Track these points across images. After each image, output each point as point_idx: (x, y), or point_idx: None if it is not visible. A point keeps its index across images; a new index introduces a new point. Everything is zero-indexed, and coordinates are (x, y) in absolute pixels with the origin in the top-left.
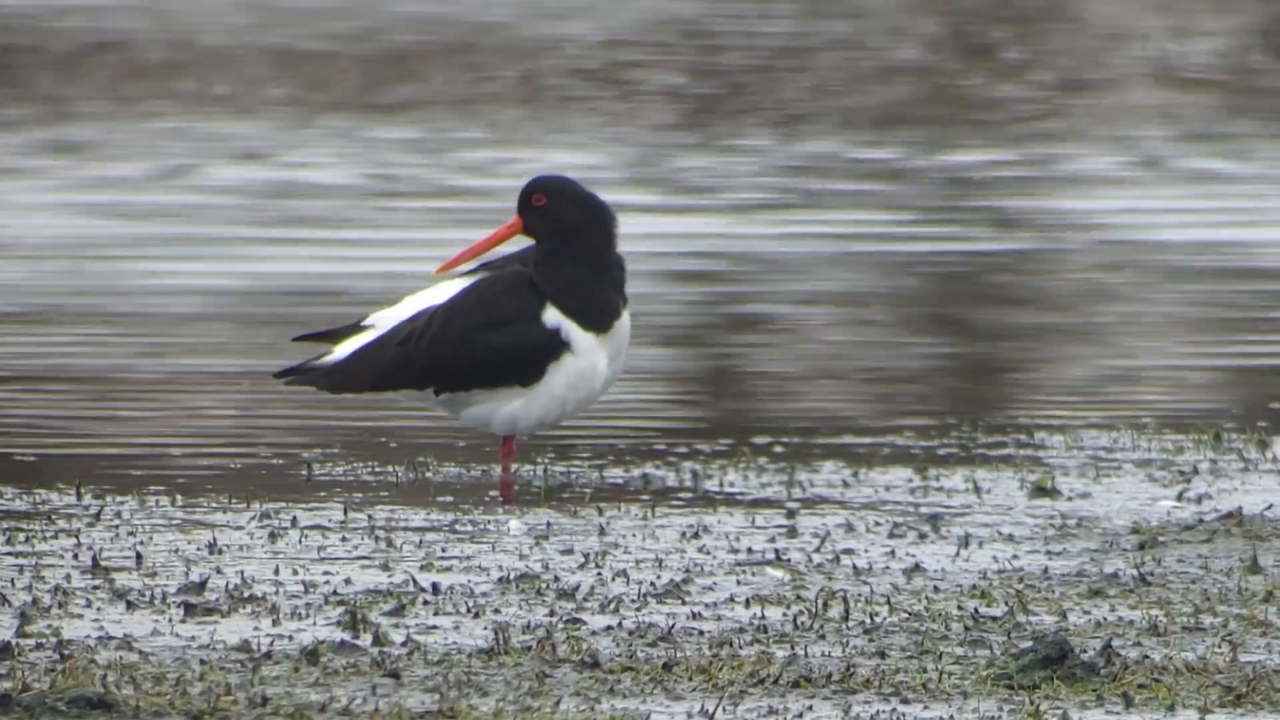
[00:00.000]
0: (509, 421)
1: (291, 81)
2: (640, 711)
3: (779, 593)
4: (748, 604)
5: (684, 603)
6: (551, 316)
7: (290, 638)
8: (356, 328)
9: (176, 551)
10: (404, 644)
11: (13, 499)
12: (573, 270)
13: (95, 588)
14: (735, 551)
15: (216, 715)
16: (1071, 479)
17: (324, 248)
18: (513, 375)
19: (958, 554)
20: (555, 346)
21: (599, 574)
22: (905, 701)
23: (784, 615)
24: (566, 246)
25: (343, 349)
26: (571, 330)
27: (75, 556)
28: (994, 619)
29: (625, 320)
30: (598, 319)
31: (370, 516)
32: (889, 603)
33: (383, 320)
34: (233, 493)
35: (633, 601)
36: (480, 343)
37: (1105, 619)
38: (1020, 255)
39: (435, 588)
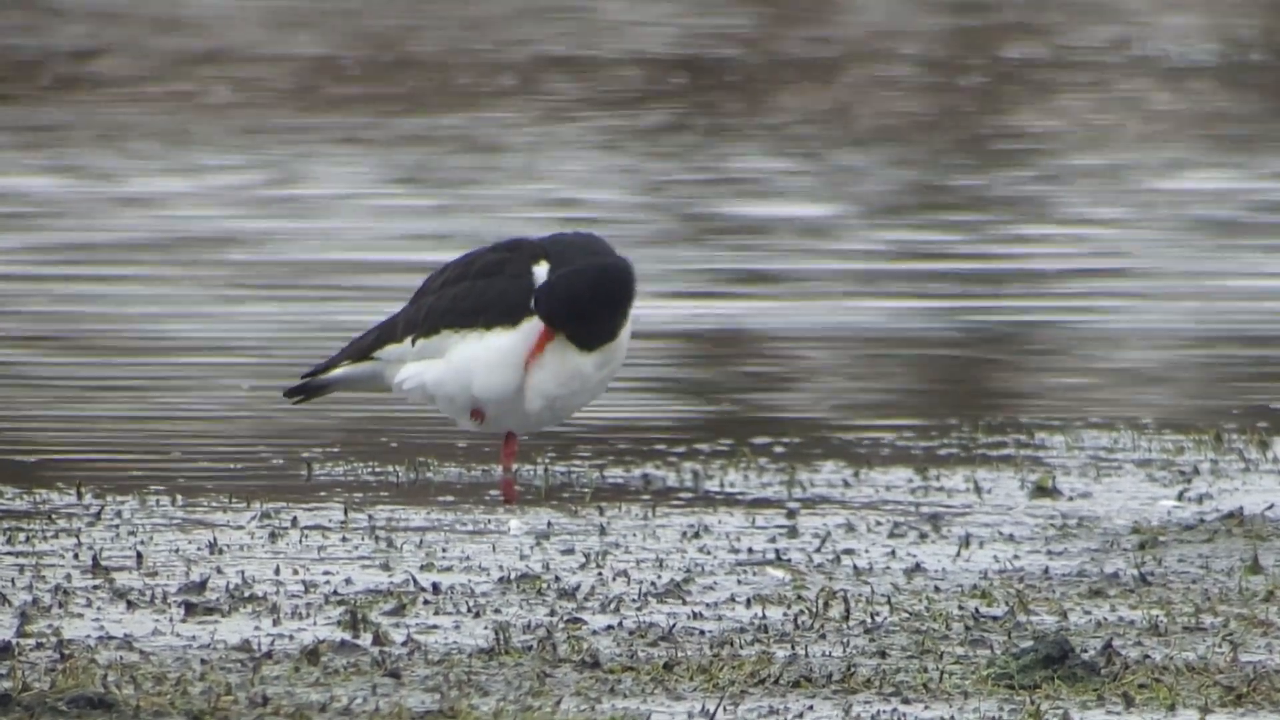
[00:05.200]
0: (462, 375)
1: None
2: (641, 711)
3: (780, 592)
4: (748, 604)
5: (685, 602)
6: (543, 272)
7: (291, 637)
8: (364, 358)
9: (177, 551)
10: (404, 644)
11: (13, 499)
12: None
13: (96, 587)
14: (736, 551)
15: (217, 715)
16: (1072, 479)
17: None
18: (490, 309)
19: (958, 554)
20: (528, 302)
21: (599, 574)
22: (906, 701)
23: (785, 615)
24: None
25: (347, 367)
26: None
27: (75, 556)
28: (994, 619)
29: (622, 337)
30: (584, 339)
31: (370, 516)
32: (889, 602)
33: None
34: (233, 493)
35: (633, 601)
36: (464, 285)
37: (1106, 619)
38: (1025, 268)
39: (436, 587)
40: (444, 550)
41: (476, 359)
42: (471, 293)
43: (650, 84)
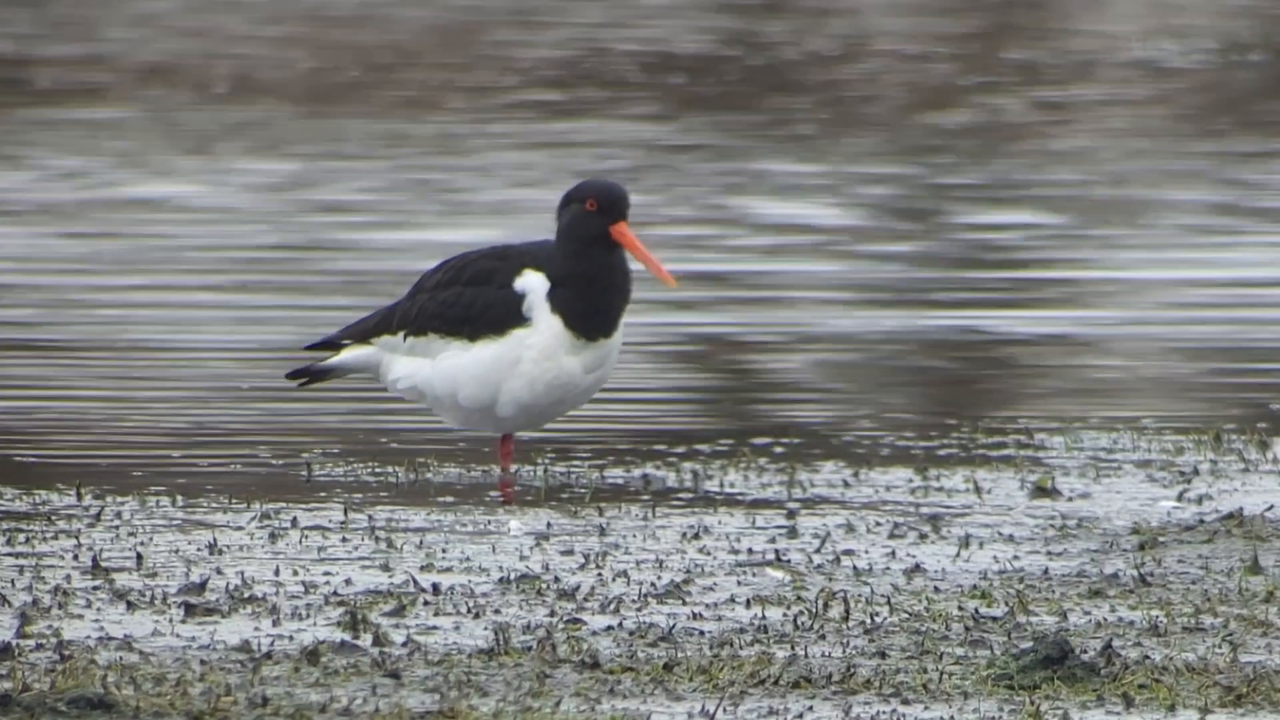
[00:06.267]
0: (449, 382)
1: None
2: (641, 712)
3: (779, 593)
4: (748, 604)
5: (684, 603)
6: (530, 280)
7: (290, 638)
8: (365, 340)
9: (177, 552)
10: (404, 644)
11: (13, 499)
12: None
13: (95, 588)
14: (736, 552)
15: (217, 716)
16: (1072, 479)
17: None
18: (476, 321)
19: (958, 554)
20: (516, 313)
21: (599, 574)
22: (906, 702)
23: (784, 616)
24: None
25: (346, 352)
26: (541, 312)
27: (75, 557)
28: (994, 619)
29: (615, 339)
30: (586, 325)
31: (370, 517)
32: (889, 603)
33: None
34: (233, 493)
35: (633, 602)
36: (453, 290)
37: (1105, 619)
38: (1022, 270)
39: (435, 588)
40: (444, 551)
41: (464, 370)
42: (460, 301)
43: (650, 85)
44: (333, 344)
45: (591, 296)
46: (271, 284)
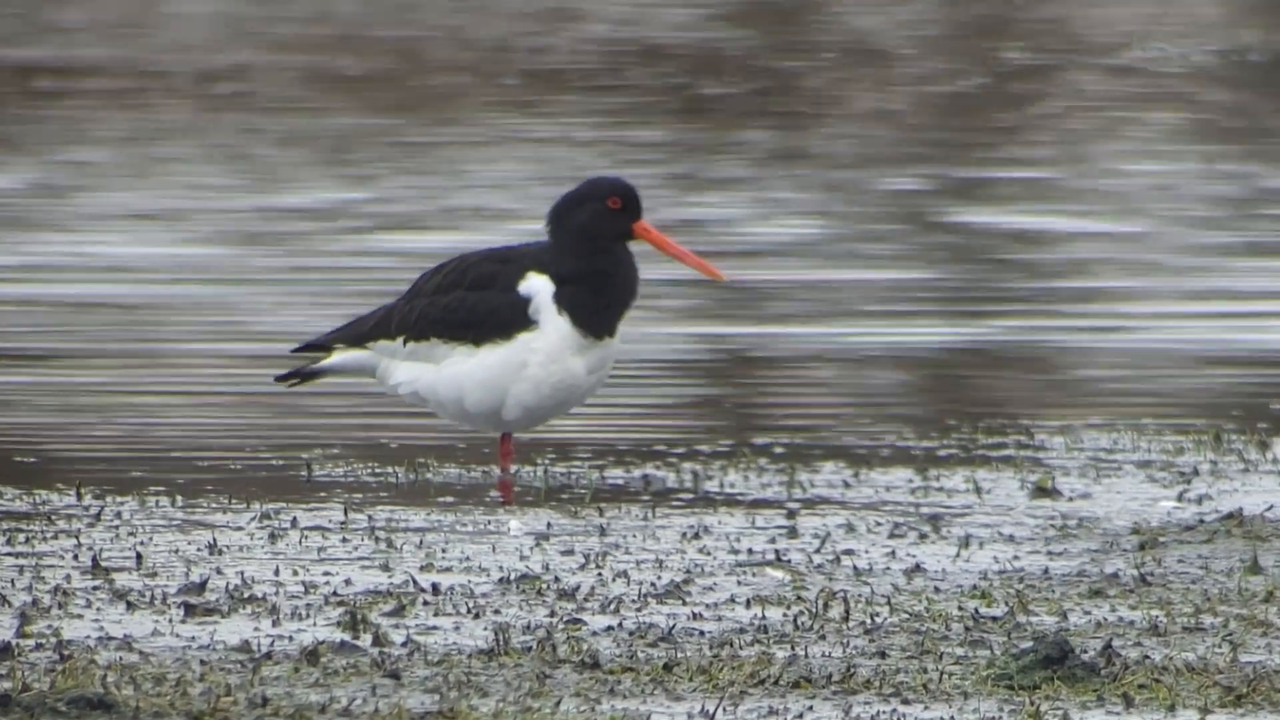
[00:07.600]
0: (454, 388)
1: None
2: (640, 712)
3: (779, 593)
4: (748, 604)
5: (684, 603)
6: (535, 283)
7: (290, 638)
8: (359, 344)
9: (177, 552)
10: (404, 644)
11: (13, 499)
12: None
13: (95, 588)
14: (736, 552)
15: (216, 716)
16: (1072, 479)
17: None
18: (482, 325)
19: (958, 554)
20: (522, 317)
21: (599, 575)
22: (906, 702)
23: (784, 616)
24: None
25: (338, 355)
26: (548, 314)
27: (75, 557)
28: (994, 619)
29: (617, 339)
30: (594, 323)
31: (370, 517)
32: (889, 603)
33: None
34: (233, 493)
35: (633, 602)
36: (456, 295)
37: (1106, 619)
38: (1021, 260)
39: (435, 588)
40: (444, 551)
41: (470, 375)
42: (463, 305)
43: (646, 86)
44: (322, 346)
45: (604, 294)
46: (271, 285)
